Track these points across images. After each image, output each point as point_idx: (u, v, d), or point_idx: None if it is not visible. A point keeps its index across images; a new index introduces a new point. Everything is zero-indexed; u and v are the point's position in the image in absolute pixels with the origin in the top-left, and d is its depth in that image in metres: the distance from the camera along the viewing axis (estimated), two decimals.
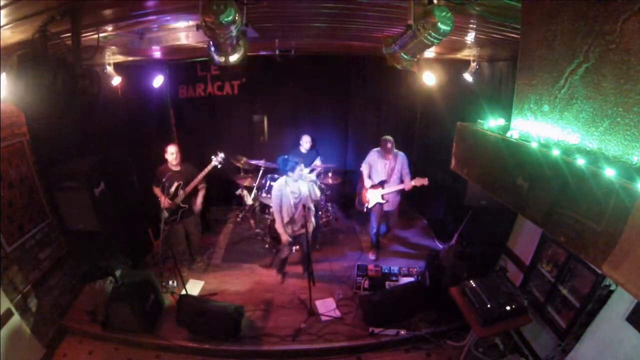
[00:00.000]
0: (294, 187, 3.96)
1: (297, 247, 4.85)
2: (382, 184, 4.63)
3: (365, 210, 4.87)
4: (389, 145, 4.44)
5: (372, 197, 4.69)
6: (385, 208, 4.78)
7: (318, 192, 4.11)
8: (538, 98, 1.44)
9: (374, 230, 4.97)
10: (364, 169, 4.76)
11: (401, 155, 4.62)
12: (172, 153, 4.08)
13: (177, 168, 4.17)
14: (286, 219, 4.01)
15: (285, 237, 4.10)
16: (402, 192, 4.75)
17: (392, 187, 4.60)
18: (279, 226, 4.05)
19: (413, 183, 4.47)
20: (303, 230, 4.13)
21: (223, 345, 3.61)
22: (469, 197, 4.14)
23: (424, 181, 4.43)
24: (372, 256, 5.14)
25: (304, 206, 3.98)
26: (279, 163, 3.87)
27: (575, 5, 1.21)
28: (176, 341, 3.63)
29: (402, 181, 4.60)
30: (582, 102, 1.24)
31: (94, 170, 3.67)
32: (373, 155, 4.70)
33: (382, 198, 4.65)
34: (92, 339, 3.75)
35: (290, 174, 3.87)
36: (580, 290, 3.05)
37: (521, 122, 1.56)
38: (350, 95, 6.06)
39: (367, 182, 4.70)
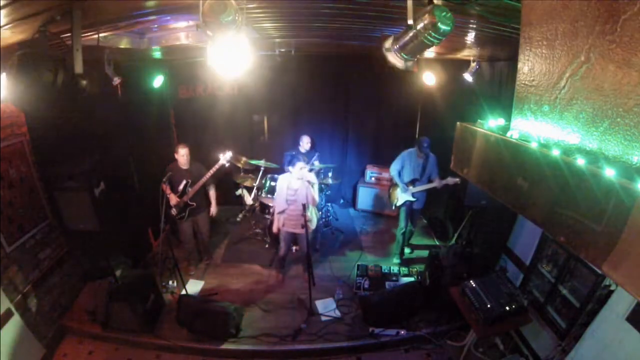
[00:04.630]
0: (294, 185, 3.99)
1: (297, 247, 4.85)
2: (413, 182, 4.69)
3: (393, 208, 4.96)
4: (425, 144, 4.49)
5: (403, 195, 4.73)
6: (414, 206, 4.83)
7: (316, 196, 4.07)
8: (538, 98, 1.44)
9: (403, 230, 4.93)
10: (395, 168, 4.76)
11: (432, 156, 4.66)
12: (182, 155, 4.13)
13: (186, 166, 4.22)
14: (278, 210, 4.13)
15: (275, 226, 4.26)
16: (428, 191, 4.80)
17: (423, 186, 4.66)
18: (275, 214, 4.23)
19: (445, 182, 4.52)
20: (301, 231, 4.13)
21: (223, 345, 3.61)
22: (469, 197, 4.15)
23: (457, 180, 4.45)
24: (396, 260, 5.07)
25: (304, 206, 3.96)
26: (284, 158, 3.95)
27: (576, 5, 1.21)
28: (176, 341, 3.64)
29: (430, 181, 4.66)
30: (582, 102, 1.23)
31: (94, 170, 3.66)
32: (407, 155, 4.72)
33: (413, 196, 4.69)
34: (92, 339, 3.76)
35: (290, 169, 3.93)
36: (580, 290, 3.05)
37: (521, 122, 1.56)
38: (350, 95, 6.06)
39: (398, 181, 4.74)
